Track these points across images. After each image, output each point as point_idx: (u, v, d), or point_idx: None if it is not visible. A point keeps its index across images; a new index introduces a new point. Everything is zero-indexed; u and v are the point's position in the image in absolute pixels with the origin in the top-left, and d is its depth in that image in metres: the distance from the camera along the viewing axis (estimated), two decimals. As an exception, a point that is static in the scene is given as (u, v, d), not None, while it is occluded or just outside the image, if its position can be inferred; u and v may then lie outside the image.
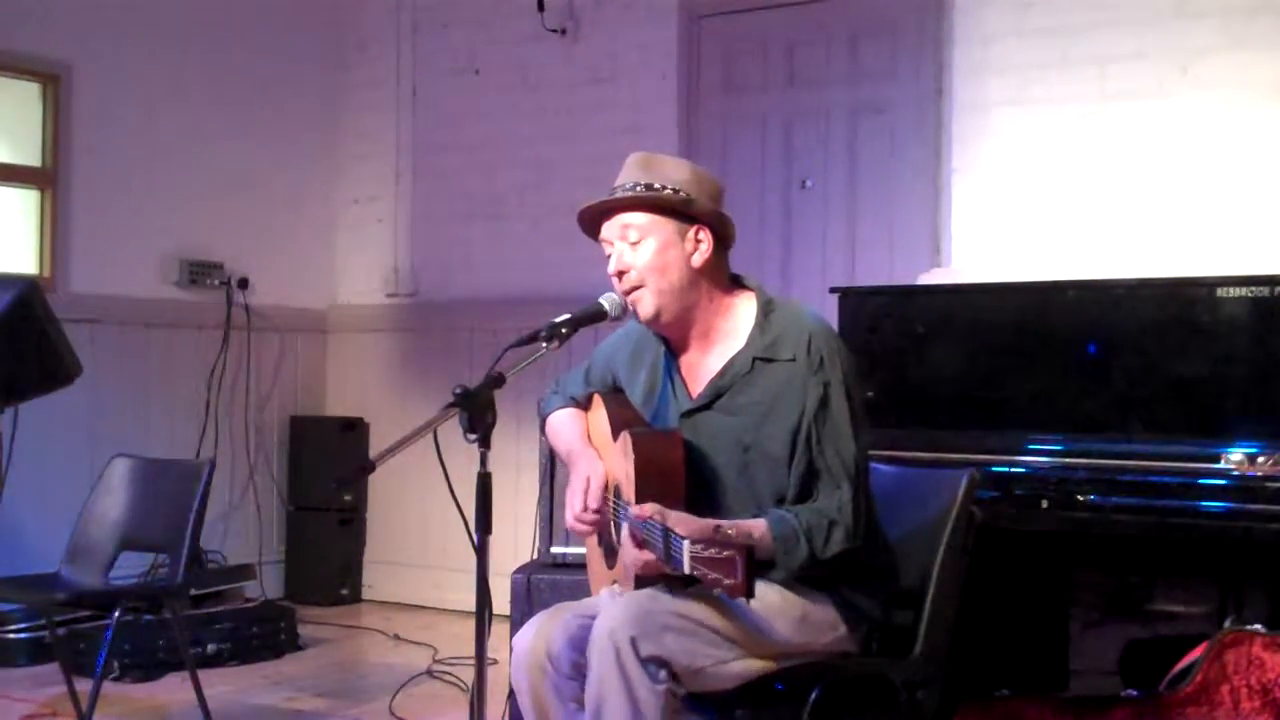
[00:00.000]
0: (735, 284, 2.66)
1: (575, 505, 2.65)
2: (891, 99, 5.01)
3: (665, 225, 2.55)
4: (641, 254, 2.55)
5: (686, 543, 2.15)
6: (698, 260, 2.56)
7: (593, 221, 2.64)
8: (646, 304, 2.57)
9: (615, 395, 2.79)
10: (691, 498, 2.47)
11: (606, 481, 2.66)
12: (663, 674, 2.33)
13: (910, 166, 4.93)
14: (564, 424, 2.86)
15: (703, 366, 2.62)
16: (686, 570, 2.16)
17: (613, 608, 2.38)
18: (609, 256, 2.61)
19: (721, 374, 2.57)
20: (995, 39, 4.69)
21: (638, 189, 2.55)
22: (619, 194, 2.57)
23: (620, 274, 2.58)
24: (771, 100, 5.28)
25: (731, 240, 2.64)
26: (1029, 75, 4.62)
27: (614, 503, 2.63)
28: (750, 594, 2.13)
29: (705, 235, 2.57)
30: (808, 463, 2.47)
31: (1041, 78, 4.59)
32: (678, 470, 2.48)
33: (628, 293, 2.58)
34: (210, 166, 5.86)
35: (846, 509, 2.44)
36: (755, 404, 2.52)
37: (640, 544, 2.35)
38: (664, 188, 2.55)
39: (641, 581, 2.45)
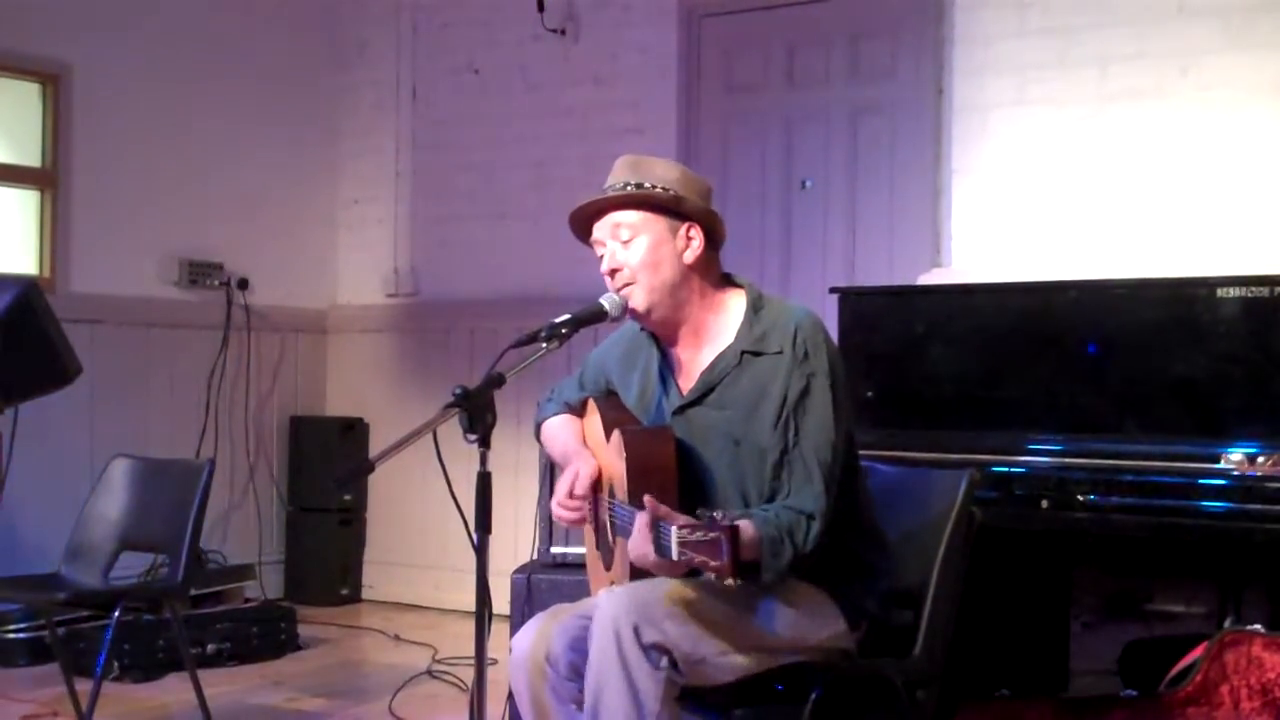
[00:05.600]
0: (726, 282, 2.67)
1: (560, 492, 2.67)
2: (891, 99, 5.00)
3: (657, 223, 2.58)
4: (634, 252, 2.58)
5: (674, 528, 2.18)
6: (689, 257, 2.58)
7: (584, 224, 2.66)
8: (638, 299, 2.58)
9: (609, 399, 2.80)
10: (685, 493, 2.47)
11: (600, 478, 2.66)
12: (664, 660, 2.34)
13: (910, 166, 4.93)
14: (558, 429, 2.87)
15: (694, 363, 2.63)
16: (675, 556, 2.19)
17: (614, 596, 2.39)
18: (601, 257, 2.64)
19: (711, 368, 2.59)
20: (995, 39, 4.69)
21: (628, 188, 2.58)
22: (610, 194, 2.60)
23: (613, 272, 2.60)
24: (771, 100, 5.28)
25: (722, 238, 2.65)
26: (1029, 76, 4.62)
27: (610, 502, 2.63)
28: (737, 575, 2.14)
29: (696, 232, 2.59)
30: (782, 451, 2.48)
31: (1041, 78, 4.59)
32: (669, 466, 2.49)
33: (620, 290, 2.60)
34: (210, 166, 5.87)
35: (820, 500, 2.44)
36: (744, 397, 2.54)
37: (656, 545, 2.32)
38: (654, 186, 2.57)
39: (637, 576, 2.45)
